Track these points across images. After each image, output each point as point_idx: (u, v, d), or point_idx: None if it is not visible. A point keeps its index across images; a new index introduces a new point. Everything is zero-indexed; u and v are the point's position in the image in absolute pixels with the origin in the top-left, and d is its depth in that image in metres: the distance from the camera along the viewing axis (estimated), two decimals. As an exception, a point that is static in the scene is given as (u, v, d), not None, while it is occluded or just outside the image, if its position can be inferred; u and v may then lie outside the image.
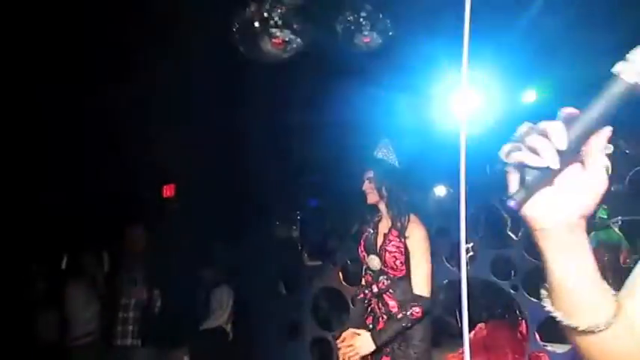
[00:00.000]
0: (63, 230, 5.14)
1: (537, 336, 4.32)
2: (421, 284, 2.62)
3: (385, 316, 2.68)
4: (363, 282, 2.83)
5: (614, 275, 4.45)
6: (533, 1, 2.97)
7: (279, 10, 2.41)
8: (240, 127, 5.56)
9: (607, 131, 0.69)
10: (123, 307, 3.92)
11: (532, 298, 4.24)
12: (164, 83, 4.54)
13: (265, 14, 2.38)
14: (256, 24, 2.45)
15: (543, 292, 0.78)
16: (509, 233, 6.21)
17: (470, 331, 5.49)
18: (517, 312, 5.51)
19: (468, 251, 6.12)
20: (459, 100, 4.40)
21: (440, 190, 5.51)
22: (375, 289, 2.72)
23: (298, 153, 5.50)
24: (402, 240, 2.67)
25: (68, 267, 4.79)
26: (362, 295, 2.83)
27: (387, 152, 2.80)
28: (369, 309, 2.77)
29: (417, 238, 2.67)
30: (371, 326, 2.73)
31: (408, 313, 2.57)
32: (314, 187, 8.14)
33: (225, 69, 4.35)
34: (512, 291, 4.28)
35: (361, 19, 2.66)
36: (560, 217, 0.71)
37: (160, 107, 4.96)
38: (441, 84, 4.26)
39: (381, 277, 2.70)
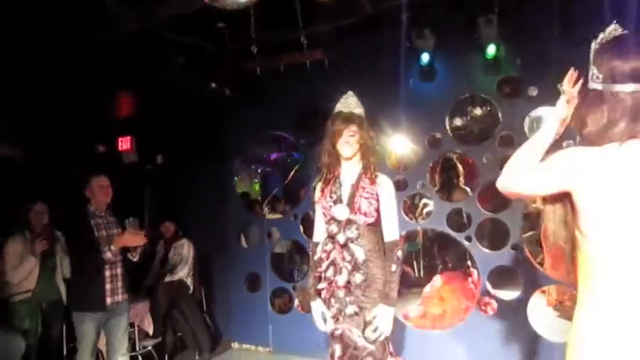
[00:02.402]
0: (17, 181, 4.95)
1: (487, 284, 4.55)
2: (394, 229, 2.74)
3: (350, 266, 2.69)
4: (326, 233, 2.80)
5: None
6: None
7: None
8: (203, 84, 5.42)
9: None
10: (110, 264, 3.58)
11: (483, 249, 4.44)
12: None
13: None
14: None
15: None
16: (464, 187, 6.42)
17: (427, 283, 5.73)
18: (469, 262, 5.78)
19: (427, 206, 6.29)
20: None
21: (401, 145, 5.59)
22: (341, 238, 2.72)
23: (260, 107, 5.42)
24: (374, 187, 2.74)
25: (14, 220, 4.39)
26: (324, 253, 2.79)
27: (356, 104, 2.81)
28: (330, 261, 2.76)
29: (388, 187, 2.77)
30: (334, 277, 2.72)
31: (395, 259, 2.66)
32: (275, 141, 8.11)
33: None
34: (465, 242, 4.46)
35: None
36: None
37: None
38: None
39: (348, 227, 2.71)
